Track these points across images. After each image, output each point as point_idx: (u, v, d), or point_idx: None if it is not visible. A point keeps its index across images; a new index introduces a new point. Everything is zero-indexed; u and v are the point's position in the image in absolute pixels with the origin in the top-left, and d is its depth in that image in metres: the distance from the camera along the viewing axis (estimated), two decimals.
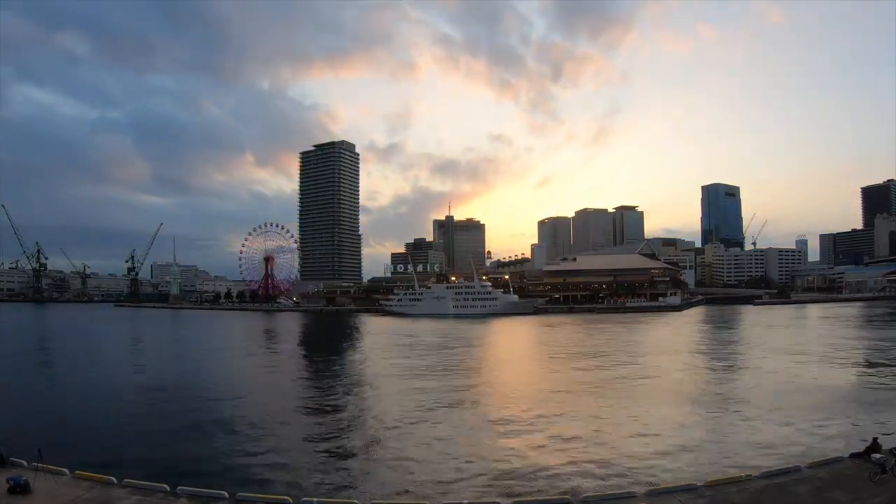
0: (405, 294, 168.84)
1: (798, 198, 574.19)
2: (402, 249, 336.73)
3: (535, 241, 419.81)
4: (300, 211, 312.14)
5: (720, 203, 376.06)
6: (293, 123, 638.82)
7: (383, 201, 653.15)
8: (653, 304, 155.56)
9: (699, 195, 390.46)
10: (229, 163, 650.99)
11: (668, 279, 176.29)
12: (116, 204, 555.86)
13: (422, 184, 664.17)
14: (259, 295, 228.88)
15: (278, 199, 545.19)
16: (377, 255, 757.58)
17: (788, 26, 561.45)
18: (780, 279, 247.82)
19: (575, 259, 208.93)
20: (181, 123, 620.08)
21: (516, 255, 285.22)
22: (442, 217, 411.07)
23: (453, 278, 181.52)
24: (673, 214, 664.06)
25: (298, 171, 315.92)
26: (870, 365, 45.69)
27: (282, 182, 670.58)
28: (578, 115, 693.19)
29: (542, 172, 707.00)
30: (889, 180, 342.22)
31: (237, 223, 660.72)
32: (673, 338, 72.56)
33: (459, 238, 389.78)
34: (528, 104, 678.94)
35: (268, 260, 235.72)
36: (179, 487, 15.70)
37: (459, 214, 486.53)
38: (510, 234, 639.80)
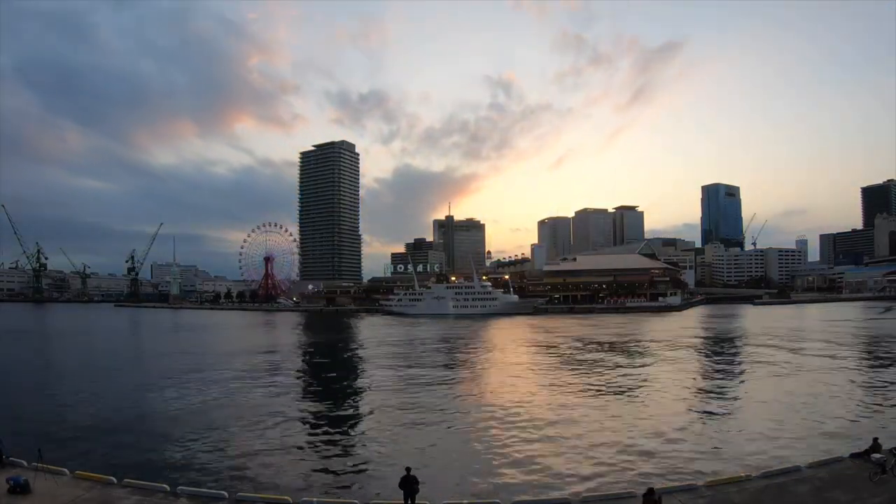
0: (405, 294, 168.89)
1: (798, 198, 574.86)
2: (400, 249, 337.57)
3: (536, 237, 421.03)
4: (300, 211, 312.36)
5: (720, 203, 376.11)
6: (226, 62, 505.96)
7: (366, 184, 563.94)
8: (653, 304, 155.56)
9: (699, 195, 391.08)
10: (166, 131, 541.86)
11: (668, 279, 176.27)
12: (59, 190, 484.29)
13: (408, 161, 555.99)
14: (259, 295, 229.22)
15: (252, 182, 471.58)
16: (372, 254, 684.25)
17: (789, 25, 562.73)
18: (780, 279, 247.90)
19: (575, 259, 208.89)
20: (82, 69, 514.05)
21: (516, 255, 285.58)
22: (437, 214, 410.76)
23: (453, 278, 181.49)
24: (673, 214, 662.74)
25: (298, 170, 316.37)
26: (870, 365, 45.67)
27: (242, 158, 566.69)
28: (623, 53, 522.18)
29: (559, 149, 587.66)
30: (889, 180, 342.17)
31: (210, 214, 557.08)
32: (672, 338, 72.55)
33: (459, 238, 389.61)
34: (555, 30, 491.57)
35: (268, 260, 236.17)
36: (179, 487, 15.71)
37: (458, 206, 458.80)
38: (512, 229, 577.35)
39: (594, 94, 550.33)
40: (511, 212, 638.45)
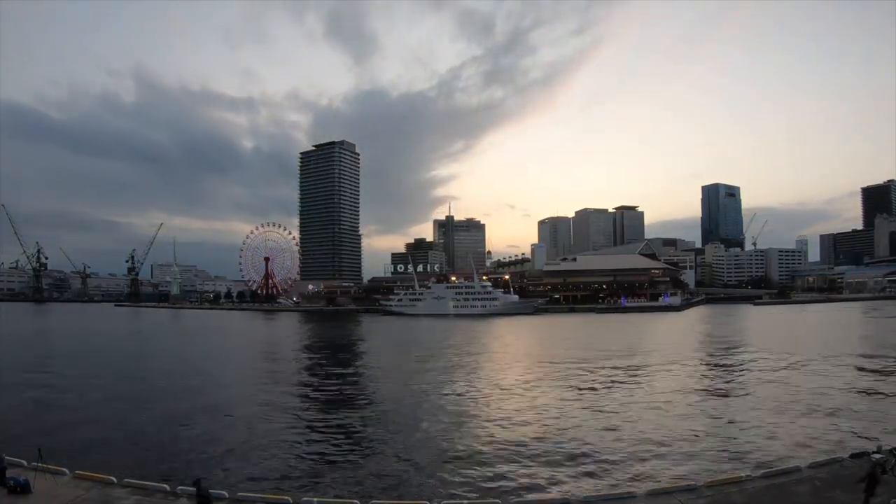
0: (406, 294, 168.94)
1: (798, 198, 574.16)
2: (401, 249, 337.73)
3: (539, 227, 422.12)
4: (300, 211, 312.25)
5: (720, 203, 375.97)
6: None
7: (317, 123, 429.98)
8: (653, 304, 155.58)
9: (699, 195, 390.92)
10: None
11: (668, 279, 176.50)
12: None
13: (373, 85, 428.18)
14: (259, 295, 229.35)
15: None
16: (372, 255, 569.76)
17: (790, 24, 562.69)
18: (781, 279, 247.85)
19: (575, 259, 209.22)
20: None
21: (516, 255, 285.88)
22: (439, 215, 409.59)
23: (453, 278, 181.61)
24: (673, 214, 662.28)
25: (299, 171, 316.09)
26: (871, 365, 45.60)
27: (114, 84, 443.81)
28: None
29: (588, 79, 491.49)
30: (889, 180, 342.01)
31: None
32: (672, 338, 72.56)
33: (459, 238, 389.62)
34: None
35: (268, 260, 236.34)
36: (179, 487, 15.68)
37: (459, 187, 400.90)
38: (523, 216, 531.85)
39: None
40: (526, 192, 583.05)
